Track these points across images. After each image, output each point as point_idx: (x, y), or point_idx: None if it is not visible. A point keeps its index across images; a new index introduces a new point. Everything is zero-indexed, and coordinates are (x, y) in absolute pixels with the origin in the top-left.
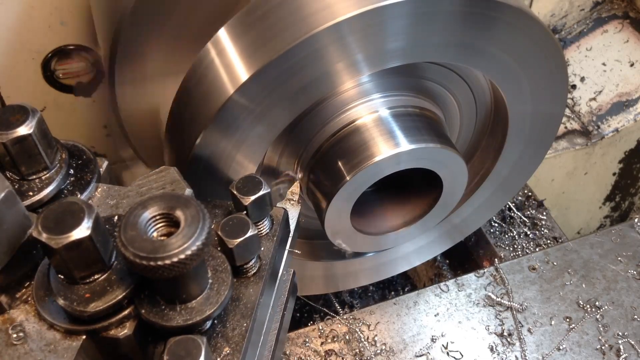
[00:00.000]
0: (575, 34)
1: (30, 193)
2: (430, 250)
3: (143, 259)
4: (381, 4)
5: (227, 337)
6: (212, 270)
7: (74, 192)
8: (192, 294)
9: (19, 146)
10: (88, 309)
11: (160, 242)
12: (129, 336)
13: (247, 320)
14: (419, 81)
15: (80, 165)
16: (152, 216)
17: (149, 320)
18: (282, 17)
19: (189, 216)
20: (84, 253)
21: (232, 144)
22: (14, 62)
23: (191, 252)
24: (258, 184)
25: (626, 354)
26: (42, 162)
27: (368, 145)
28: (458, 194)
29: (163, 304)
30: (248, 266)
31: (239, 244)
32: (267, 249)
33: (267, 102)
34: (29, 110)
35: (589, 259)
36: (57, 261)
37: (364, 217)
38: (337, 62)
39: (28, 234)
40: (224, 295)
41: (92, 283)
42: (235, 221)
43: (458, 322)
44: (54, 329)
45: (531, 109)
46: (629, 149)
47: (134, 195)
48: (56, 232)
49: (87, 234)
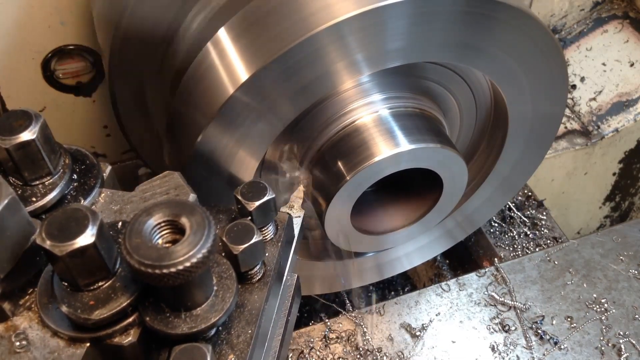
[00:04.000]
0: (575, 34)
1: (34, 199)
2: (431, 250)
3: (148, 267)
4: (381, 4)
5: (232, 344)
6: (217, 277)
7: (78, 198)
8: (197, 301)
9: (22, 152)
10: (92, 316)
11: (165, 249)
12: (133, 344)
13: (252, 327)
14: (419, 81)
15: (83, 170)
16: (157, 223)
17: (154, 327)
18: (282, 17)
19: (195, 223)
20: (88, 260)
21: (234, 142)
22: (14, 62)
23: (197, 260)
24: (263, 189)
25: (627, 353)
26: (46, 167)
27: (368, 145)
28: (458, 194)
29: (168, 312)
30: (253, 272)
31: (244, 250)
32: (272, 254)
33: (267, 102)
34: (32, 116)
35: (590, 259)
36: (61, 268)
37: (364, 217)
38: (337, 62)
39: (31, 240)
40: (229, 302)
41: (96, 290)
42: (240, 227)
43: (459, 322)
44: (57, 337)
45: (531, 109)
46: (629, 149)
47: (138, 200)
48: (60, 239)
49: (91, 241)
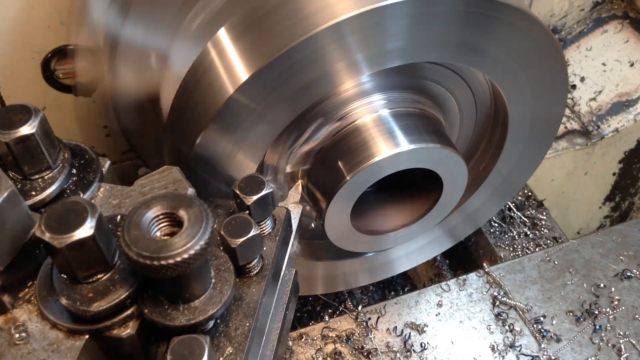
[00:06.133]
0: (575, 34)
1: (33, 192)
2: (431, 250)
3: (147, 259)
4: (381, 4)
5: (229, 336)
6: (215, 269)
7: (77, 192)
8: (195, 293)
9: (21, 146)
10: (91, 308)
11: (163, 241)
12: (132, 336)
13: (250, 319)
14: (419, 81)
15: (82, 165)
16: (155, 216)
17: (152, 319)
18: (282, 17)
19: (192, 216)
20: (87, 253)
21: (233, 143)
22: (14, 62)
23: (195, 252)
24: (260, 183)
25: (627, 353)
26: (45, 161)
27: (368, 145)
28: (458, 193)
29: (166, 304)
30: (250, 266)
31: (241, 244)
32: (270, 248)
33: (267, 102)
34: (31, 110)
35: (590, 259)
36: (60, 261)
37: (364, 217)
38: (337, 62)
39: (31, 233)
40: (226, 294)
41: (95, 282)
42: (238, 221)
43: (459, 322)
44: (56, 329)
45: (531, 109)
46: (629, 149)
47: (137, 194)
48: (59, 231)
49: (90, 233)
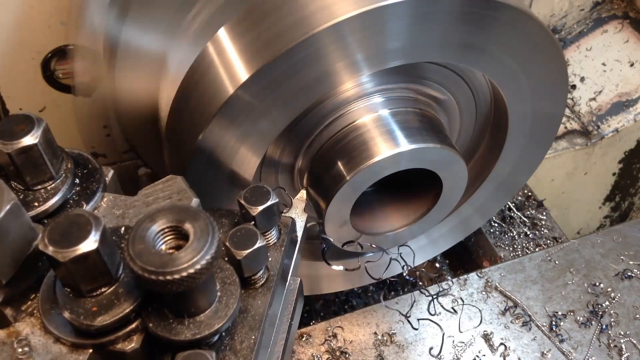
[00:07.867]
0: (575, 34)
1: (36, 203)
2: (431, 250)
3: (152, 273)
4: (381, 4)
5: (235, 350)
6: (221, 282)
7: (80, 202)
8: (201, 307)
9: (24, 156)
10: (95, 322)
11: (169, 255)
12: (137, 350)
13: (256, 332)
14: (419, 81)
15: (85, 175)
16: (160, 229)
17: (157, 334)
18: (282, 17)
19: (198, 229)
20: (91, 266)
21: (235, 140)
22: (13, 62)
23: (201, 266)
24: (266, 193)
25: (628, 353)
26: (48, 172)
27: (368, 145)
28: (458, 194)
29: (171, 318)
30: (256, 277)
31: (247, 256)
32: (275, 259)
33: (267, 102)
34: (34, 120)
35: (590, 259)
36: (64, 274)
37: (364, 217)
38: (337, 62)
39: (34, 245)
40: (232, 308)
41: (99, 296)
42: (244, 232)
43: (460, 321)
44: (60, 343)
45: (531, 109)
46: (629, 149)
47: (141, 205)
48: (63, 245)
49: (94, 247)
